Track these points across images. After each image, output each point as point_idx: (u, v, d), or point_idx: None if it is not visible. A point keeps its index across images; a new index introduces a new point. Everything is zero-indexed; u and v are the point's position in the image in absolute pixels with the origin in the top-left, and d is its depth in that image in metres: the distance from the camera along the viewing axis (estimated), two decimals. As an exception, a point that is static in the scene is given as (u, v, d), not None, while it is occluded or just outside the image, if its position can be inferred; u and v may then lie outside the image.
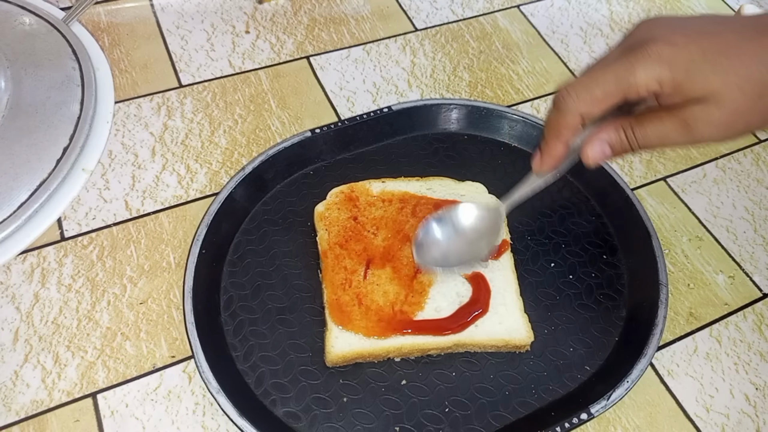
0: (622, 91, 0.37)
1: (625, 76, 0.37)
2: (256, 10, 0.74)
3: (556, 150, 0.41)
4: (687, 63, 0.36)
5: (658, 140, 0.39)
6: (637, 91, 0.37)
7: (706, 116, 0.36)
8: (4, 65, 0.58)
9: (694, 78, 0.36)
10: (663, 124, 0.38)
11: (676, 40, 0.36)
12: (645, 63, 0.36)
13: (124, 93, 0.65)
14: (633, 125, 0.39)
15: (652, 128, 0.38)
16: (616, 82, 0.37)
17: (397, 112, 0.61)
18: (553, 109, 0.40)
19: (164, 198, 0.58)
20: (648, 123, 0.39)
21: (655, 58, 0.36)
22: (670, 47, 0.36)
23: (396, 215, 0.53)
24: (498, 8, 0.77)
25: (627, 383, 0.46)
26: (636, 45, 0.37)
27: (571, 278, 0.54)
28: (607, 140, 0.40)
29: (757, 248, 0.58)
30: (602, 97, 0.38)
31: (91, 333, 0.50)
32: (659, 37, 0.37)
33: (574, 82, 0.39)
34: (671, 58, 0.36)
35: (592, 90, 0.38)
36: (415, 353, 0.48)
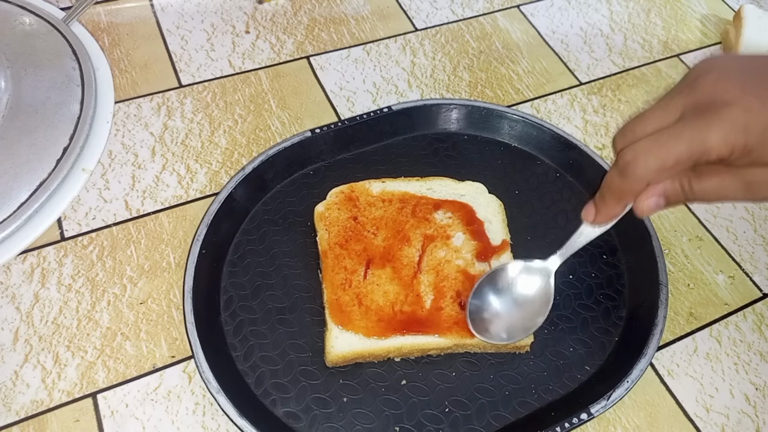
0: (695, 158, 0.36)
1: (699, 144, 0.35)
2: (256, 10, 0.74)
3: (614, 211, 0.41)
4: (762, 130, 0.34)
5: (716, 196, 0.38)
6: (708, 156, 0.35)
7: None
8: (4, 65, 0.58)
9: (766, 145, 0.34)
10: (723, 182, 0.37)
11: (751, 104, 0.35)
12: (720, 129, 0.35)
13: (124, 93, 0.65)
14: (692, 180, 0.38)
15: (711, 184, 0.37)
16: (688, 150, 0.35)
17: (397, 112, 0.61)
18: (618, 172, 0.38)
19: (164, 198, 0.58)
20: (708, 179, 0.37)
21: (731, 124, 0.34)
22: (745, 113, 0.34)
23: (396, 215, 0.53)
24: (498, 8, 0.77)
25: (627, 383, 0.46)
26: (708, 106, 0.35)
27: (571, 278, 0.54)
28: (664, 193, 0.39)
29: (757, 248, 0.58)
30: (673, 165, 0.36)
31: (91, 333, 0.50)
32: (733, 99, 0.35)
33: (643, 147, 0.37)
34: (747, 125, 0.34)
35: (664, 158, 0.36)
36: (415, 353, 0.48)
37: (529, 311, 0.48)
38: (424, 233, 0.52)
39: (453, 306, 0.49)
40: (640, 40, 0.76)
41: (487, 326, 0.47)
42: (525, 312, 0.48)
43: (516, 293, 0.48)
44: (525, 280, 0.48)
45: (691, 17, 0.79)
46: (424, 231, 0.52)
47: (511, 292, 0.48)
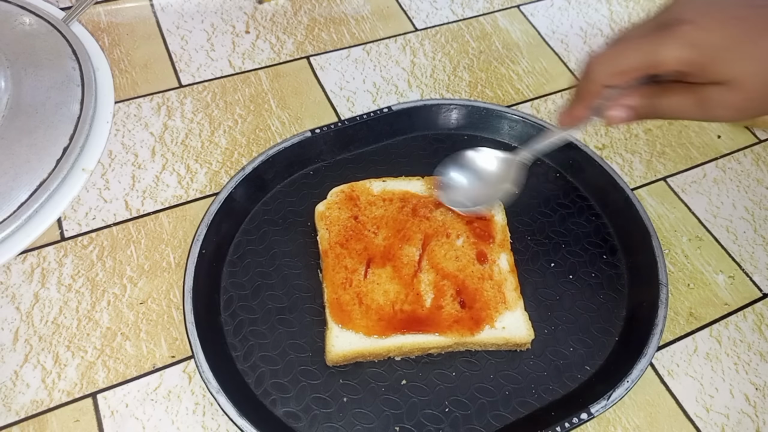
0: (647, 67, 0.39)
1: (651, 54, 0.38)
2: (256, 10, 0.74)
3: (579, 111, 0.44)
4: (713, 48, 0.37)
5: (674, 113, 0.41)
6: (660, 67, 0.39)
7: (723, 99, 0.38)
8: (4, 65, 0.58)
9: (718, 63, 0.37)
10: (682, 99, 0.40)
11: (707, 24, 0.37)
12: (673, 44, 0.38)
13: (124, 93, 0.65)
14: (655, 94, 0.41)
15: (672, 101, 0.41)
16: (642, 58, 0.39)
17: (397, 112, 0.61)
18: (581, 74, 0.42)
19: (164, 198, 0.58)
20: (669, 95, 0.41)
21: (684, 40, 0.38)
22: (699, 31, 0.37)
23: (396, 214, 0.53)
24: (498, 8, 0.77)
25: (627, 383, 0.46)
26: (668, 23, 0.39)
27: (571, 278, 0.54)
28: (630, 105, 0.42)
29: (757, 248, 0.58)
30: (626, 70, 0.40)
31: (91, 333, 0.50)
32: (691, 18, 0.38)
33: (604, 52, 0.41)
34: (699, 42, 0.37)
35: (618, 63, 0.40)
36: (415, 352, 0.48)
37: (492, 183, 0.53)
38: (425, 232, 0.52)
39: (453, 305, 0.49)
40: (640, 40, 0.76)
41: (452, 195, 0.53)
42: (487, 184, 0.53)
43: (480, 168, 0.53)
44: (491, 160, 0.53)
45: (691, 17, 0.79)
46: (424, 230, 0.52)
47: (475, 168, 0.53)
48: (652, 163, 0.64)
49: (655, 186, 0.62)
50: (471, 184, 0.53)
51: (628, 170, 0.63)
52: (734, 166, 0.64)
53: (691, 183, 0.63)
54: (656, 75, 0.40)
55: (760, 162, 0.65)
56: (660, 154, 0.65)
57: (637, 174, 0.63)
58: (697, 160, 0.65)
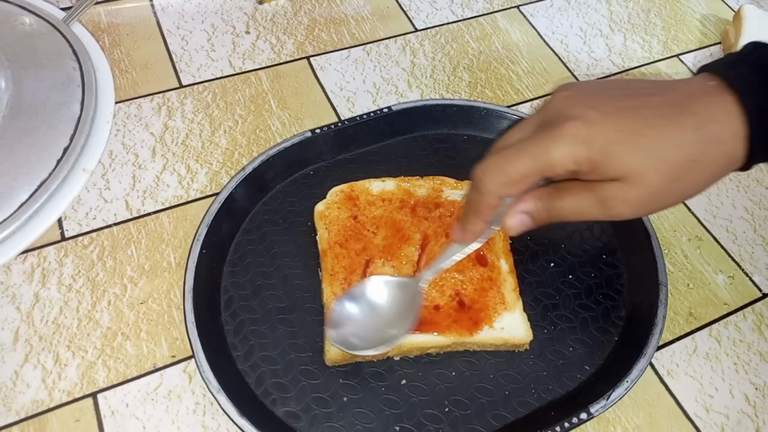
0: (539, 171, 0.37)
1: (540, 157, 0.36)
2: (256, 10, 0.74)
3: (476, 226, 0.41)
4: (604, 143, 0.35)
5: (574, 214, 0.38)
6: (554, 170, 0.36)
7: (622, 195, 0.36)
8: (4, 65, 0.58)
9: (610, 158, 0.35)
10: (580, 199, 0.37)
11: (593, 118, 0.35)
12: (560, 143, 0.36)
13: (125, 93, 0.65)
14: (552, 197, 0.39)
15: (569, 201, 0.38)
16: (532, 163, 0.36)
17: (397, 113, 0.61)
18: (472, 188, 0.40)
19: (165, 198, 0.58)
20: (565, 196, 0.38)
21: (571, 137, 0.35)
22: (586, 127, 0.35)
23: (396, 214, 0.53)
24: (498, 8, 0.77)
25: (626, 383, 0.46)
26: (552, 121, 0.37)
27: (570, 278, 0.54)
28: (527, 210, 0.40)
29: (756, 248, 0.59)
30: (519, 178, 0.37)
31: (91, 333, 0.50)
32: (575, 114, 0.36)
33: (490, 162, 0.38)
34: (587, 138, 0.35)
35: (509, 172, 0.37)
36: (414, 352, 0.48)
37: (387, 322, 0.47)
38: (424, 232, 0.52)
39: (452, 305, 0.49)
40: (640, 40, 0.76)
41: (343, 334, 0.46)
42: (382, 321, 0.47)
43: (374, 303, 0.47)
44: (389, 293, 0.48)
45: (690, 17, 0.79)
46: (423, 230, 0.52)
47: (369, 302, 0.47)
48: (651, 163, 0.64)
49: (654, 186, 0.62)
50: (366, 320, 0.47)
51: (628, 170, 0.63)
52: (734, 166, 0.64)
53: (690, 183, 0.63)
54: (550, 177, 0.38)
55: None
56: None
57: (637, 174, 0.63)
58: (696, 160, 0.65)
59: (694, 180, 0.36)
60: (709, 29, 0.78)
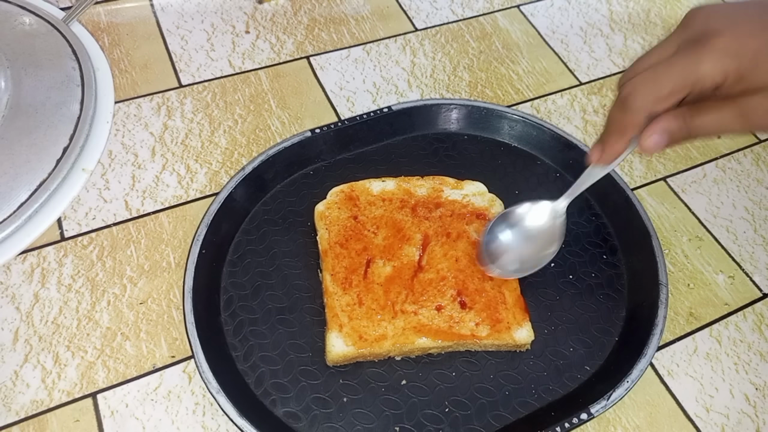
0: (690, 86, 0.37)
1: (692, 71, 0.37)
2: (256, 10, 0.74)
3: (619, 146, 0.42)
4: (753, 54, 0.36)
5: (715, 128, 0.39)
6: (703, 84, 0.37)
7: (766, 105, 0.37)
8: (4, 65, 0.58)
9: (759, 69, 0.36)
10: (722, 113, 0.38)
11: (741, 31, 0.36)
12: (711, 56, 0.36)
13: (124, 93, 0.65)
14: (692, 114, 0.39)
15: (710, 117, 0.38)
16: (683, 78, 0.37)
17: (397, 112, 0.61)
18: (618, 106, 0.40)
19: (164, 198, 0.58)
20: (706, 112, 0.38)
21: (722, 51, 0.36)
22: (735, 40, 0.36)
23: (396, 214, 0.53)
24: (498, 8, 0.77)
25: (627, 383, 0.46)
26: (699, 38, 0.37)
27: (571, 278, 0.54)
28: (666, 129, 0.39)
29: (757, 248, 0.58)
30: (670, 94, 0.38)
31: (91, 333, 0.50)
32: (723, 29, 0.37)
33: (639, 79, 0.39)
34: (738, 50, 0.36)
35: (660, 88, 0.38)
36: (416, 352, 0.48)
37: (539, 245, 0.50)
38: (424, 232, 0.52)
39: (453, 305, 0.49)
40: (640, 40, 0.76)
41: (498, 259, 0.50)
42: (535, 246, 0.50)
43: (525, 228, 0.50)
44: (534, 217, 0.50)
45: (691, 17, 0.79)
46: (424, 230, 0.52)
47: (521, 228, 0.50)
48: (652, 163, 0.64)
49: (655, 186, 0.62)
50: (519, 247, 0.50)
51: (628, 170, 0.63)
52: (734, 166, 0.64)
53: (691, 183, 0.63)
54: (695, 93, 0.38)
55: (760, 162, 0.65)
56: (660, 154, 0.65)
57: (637, 174, 0.63)
58: (697, 160, 0.65)
59: None
60: (709, 29, 0.78)
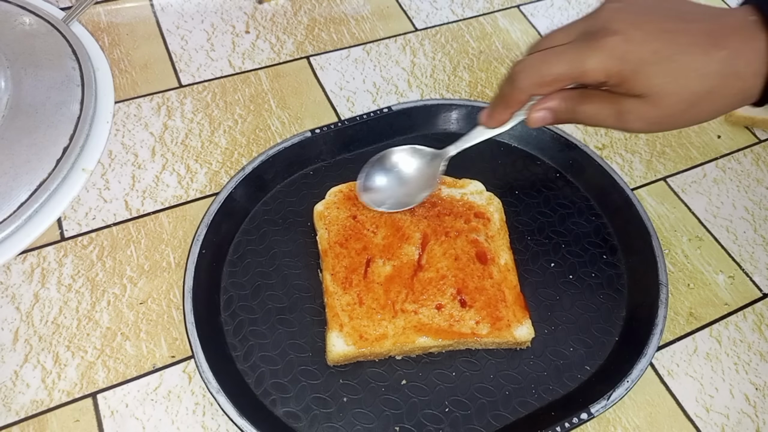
0: (572, 77, 0.40)
1: (577, 65, 0.39)
2: (256, 10, 0.74)
3: (502, 116, 0.45)
4: (636, 61, 0.38)
5: (593, 120, 0.42)
6: (585, 78, 0.39)
7: (639, 111, 0.39)
8: (4, 65, 0.58)
9: (638, 76, 0.38)
10: (601, 107, 0.41)
11: (633, 36, 0.38)
12: (598, 54, 0.38)
13: (124, 93, 0.65)
14: (576, 100, 0.42)
15: (591, 108, 0.41)
16: (567, 69, 0.39)
17: (397, 112, 0.61)
18: (507, 80, 0.42)
19: (164, 198, 0.58)
20: (589, 102, 0.41)
21: (609, 51, 0.38)
22: (625, 44, 0.38)
23: (396, 214, 0.53)
24: (498, 8, 0.77)
25: (627, 383, 0.46)
26: (596, 32, 0.39)
27: (571, 278, 0.54)
28: (552, 108, 0.43)
29: (757, 248, 0.58)
30: (552, 81, 0.40)
31: (91, 333, 0.50)
32: (619, 29, 0.38)
33: (529, 61, 0.41)
34: (624, 55, 0.38)
35: (544, 74, 0.40)
36: (416, 351, 0.48)
37: (417, 185, 0.53)
38: (424, 231, 0.52)
39: (453, 303, 0.49)
40: (640, 40, 0.76)
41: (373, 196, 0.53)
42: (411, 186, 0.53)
43: (406, 171, 0.53)
44: (418, 161, 0.53)
45: (691, 17, 0.79)
46: (423, 229, 0.52)
47: (401, 169, 0.53)
48: (652, 163, 0.64)
49: (655, 186, 0.62)
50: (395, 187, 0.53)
51: (628, 170, 0.63)
52: (734, 166, 0.64)
53: (691, 183, 0.63)
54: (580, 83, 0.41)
55: (760, 162, 0.65)
56: (660, 154, 0.65)
57: (637, 174, 0.63)
58: (697, 160, 0.65)
59: (707, 109, 0.39)
60: (709, 29, 0.78)
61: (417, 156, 0.53)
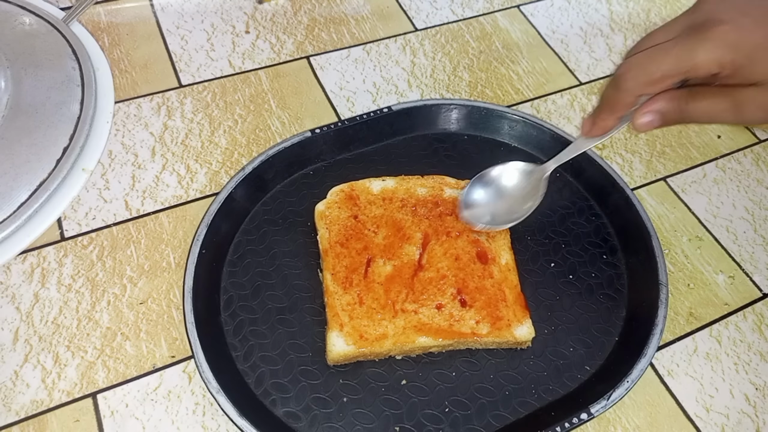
0: (683, 73, 0.37)
1: (687, 59, 0.37)
2: (256, 10, 0.74)
3: (608, 122, 0.43)
4: (751, 48, 0.36)
5: (707, 116, 0.39)
6: (697, 72, 0.37)
7: (759, 99, 0.37)
8: (4, 65, 0.58)
9: (756, 63, 0.36)
10: (715, 102, 0.38)
11: (743, 23, 0.36)
12: (708, 45, 0.36)
13: (124, 93, 0.65)
14: (687, 98, 0.39)
15: (704, 104, 0.39)
16: (677, 64, 0.37)
17: (397, 112, 0.61)
18: (612, 83, 0.40)
19: (164, 198, 0.58)
20: (701, 98, 0.39)
21: (720, 41, 0.36)
22: (737, 31, 0.36)
23: (396, 213, 0.53)
24: (498, 8, 0.77)
25: (627, 383, 0.46)
26: (701, 25, 0.37)
27: (571, 278, 0.54)
28: (659, 110, 0.40)
29: (757, 248, 0.58)
30: (661, 79, 0.38)
31: (91, 333, 0.50)
32: (726, 18, 0.36)
33: (636, 59, 0.39)
34: (736, 43, 0.36)
35: (652, 72, 0.38)
36: (416, 351, 0.48)
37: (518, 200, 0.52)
38: (425, 231, 0.52)
39: (453, 303, 0.49)
40: (640, 40, 0.76)
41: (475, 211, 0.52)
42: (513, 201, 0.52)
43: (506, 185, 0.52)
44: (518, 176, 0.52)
45: (691, 17, 0.79)
46: (424, 229, 0.52)
47: (501, 184, 0.52)
48: (652, 163, 0.64)
49: (655, 186, 0.62)
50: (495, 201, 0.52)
51: (628, 170, 0.63)
52: (734, 166, 0.64)
53: (691, 183, 0.63)
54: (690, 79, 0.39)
55: (760, 162, 0.65)
56: (660, 154, 0.65)
57: (637, 174, 0.63)
58: (697, 160, 0.65)
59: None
60: (709, 29, 0.78)
61: (517, 171, 0.52)
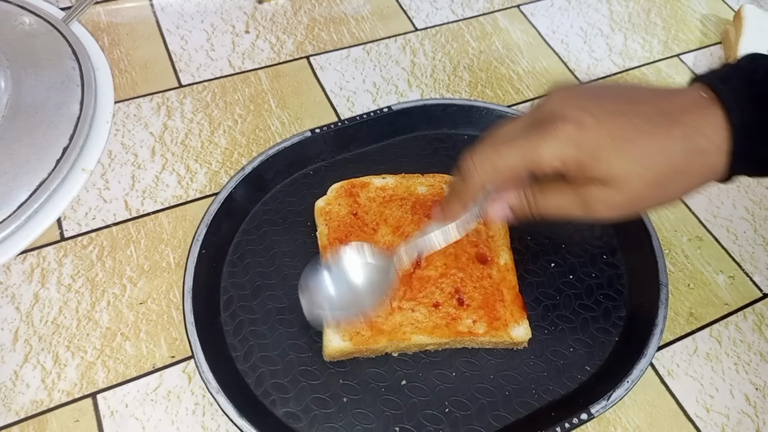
0: (526, 166, 0.38)
1: (529, 153, 0.37)
2: (256, 10, 0.74)
3: (455, 210, 0.42)
4: (593, 147, 0.36)
5: (556, 211, 0.40)
6: (541, 167, 0.37)
7: (605, 198, 0.37)
8: (4, 65, 0.58)
9: (598, 161, 0.36)
10: (563, 198, 0.39)
11: (585, 121, 0.36)
12: (551, 142, 0.37)
13: (124, 93, 0.65)
14: (535, 193, 0.40)
15: (552, 200, 0.39)
16: (520, 157, 0.38)
17: (397, 112, 0.61)
18: (459, 175, 0.40)
19: (164, 198, 0.58)
20: (549, 194, 0.39)
21: (562, 138, 0.36)
22: (578, 129, 0.36)
23: (396, 211, 0.53)
24: (498, 8, 0.77)
25: (627, 383, 0.46)
26: (545, 121, 0.37)
27: (571, 278, 0.54)
28: (509, 203, 0.41)
29: (757, 248, 0.58)
30: (505, 170, 0.38)
31: (90, 333, 0.50)
32: (569, 116, 0.37)
33: (480, 152, 0.39)
34: (578, 140, 0.36)
35: (496, 163, 0.39)
36: (412, 348, 0.48)
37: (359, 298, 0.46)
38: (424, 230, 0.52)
39: (450, 302, 0.49)
40: (640, 40, 0.76)
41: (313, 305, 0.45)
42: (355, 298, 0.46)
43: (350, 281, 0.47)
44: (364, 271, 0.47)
45: (691, 17, 0.79)
46: (423, 227, 0.52)
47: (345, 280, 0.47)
48: (652, 163, 0.64)
49: (655, 186, 0.62)
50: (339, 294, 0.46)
51: (628, 170, 0.63)
52: (734, 166, 0.64)
53: (691, 183, 0.63)
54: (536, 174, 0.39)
55: (760, 162, 0.65)
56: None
57: (637, 174, 0.63)
58: (697, 160, 0.65)
59: (676, 188, 0.38)
60: (709, 29, 0.78)
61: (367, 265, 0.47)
